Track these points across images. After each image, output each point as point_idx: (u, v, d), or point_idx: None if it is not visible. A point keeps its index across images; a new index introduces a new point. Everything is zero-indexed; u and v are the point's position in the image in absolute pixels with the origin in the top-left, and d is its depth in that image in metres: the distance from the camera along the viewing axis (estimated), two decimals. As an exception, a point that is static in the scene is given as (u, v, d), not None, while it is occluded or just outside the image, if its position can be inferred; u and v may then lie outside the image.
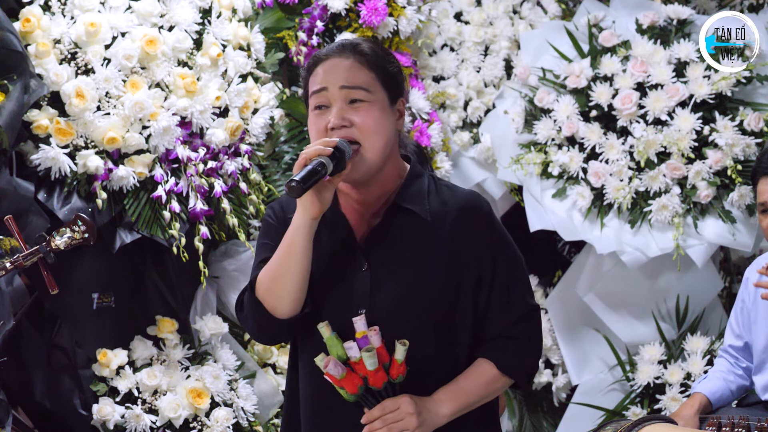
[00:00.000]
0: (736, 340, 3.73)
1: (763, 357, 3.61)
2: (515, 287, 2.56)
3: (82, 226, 3.49)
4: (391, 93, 2.54)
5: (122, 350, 3.95)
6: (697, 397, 3.69)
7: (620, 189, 4.55)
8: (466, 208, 2.53)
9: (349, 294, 2.52)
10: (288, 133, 4.48)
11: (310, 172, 2.38)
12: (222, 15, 4.06)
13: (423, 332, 2.49)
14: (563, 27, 4.90)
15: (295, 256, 2.48)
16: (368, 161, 2.48)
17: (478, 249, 2.51)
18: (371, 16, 4.39)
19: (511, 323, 2.54)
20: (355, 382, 2.45)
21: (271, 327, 2.54)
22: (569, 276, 5.02)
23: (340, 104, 2.48)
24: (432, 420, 2.48)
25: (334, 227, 2.56)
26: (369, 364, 2.43)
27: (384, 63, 2.54)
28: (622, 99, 4.60)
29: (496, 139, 4.91)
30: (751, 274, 3.72)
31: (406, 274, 2.50)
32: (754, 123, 4.52)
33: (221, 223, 4.02)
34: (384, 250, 2.52)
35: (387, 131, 2.50)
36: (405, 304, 2.49)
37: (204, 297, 4.17)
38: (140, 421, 3.85)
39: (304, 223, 2.46)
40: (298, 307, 2.52)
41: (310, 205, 2.45)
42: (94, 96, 3.74)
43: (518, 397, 5.06)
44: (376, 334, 2.44)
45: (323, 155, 2.40)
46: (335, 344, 2.47)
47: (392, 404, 2.46)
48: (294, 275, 2.49)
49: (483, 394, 2.53)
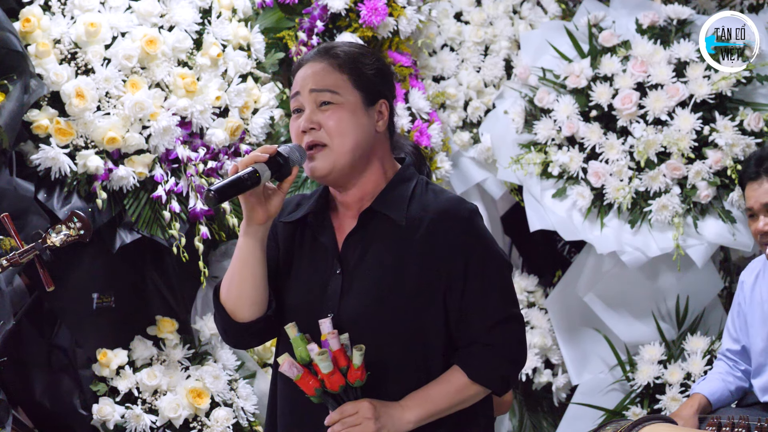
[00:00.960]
0: (734, 344, 3.73)
1: (761, 360, 3.61)
2: (490, 293, 2.50)
3: (77, 223, 3.48)
4: (367, 94, 2.52)
5: (122, 350, 3.95)
6: (697, 397, 3.69)
7: (620, 189, 4.55)
8: (442, 212, 2.50)
9: (322, 297, 2.52)
10: (288, 133, 4.48)
11: (232, 182, 2.39)
12: (222, 15, 4.06)
13: (391, 337, 2.47)
14: (563, 27, 4.90)
15: (245, 261, 2.51)
16: (332, 161, 2.48)
17: (449, 254, 2.48)
18: (371, 16, 4.39)
19: (485, 330, 2.49)
20: (311, 385, 2.46)
21: (234, 331, 2.58)
22: (569, 276, 5.02)
23: (310, 107, 2.50)
24: (393, 425, 2.46)
25: (319, 229, 2.57)
26: (323, 367, 2.43)
27: (358, 65, 2.52)
28: (622, 99, 4.60)
29: (496, 139, 4.91)
30: (747, 277, 3.71)
31: (374, 280, 2.48)
32: (754, 123, 4.52)
33: (221, 223, 4.02)
34: (357, 254, 2.51)
35: (356, 133, 2.49)
36: (373, 308, 2.48)
37: (204, 297, 4.18)
38: (140, 421, 3.85)
39: (250, 230, 2.49)
40: (258, 311, 2.54)
41: (251, 212, 2.47)
42: (94, 96, 3.74)
43: (518, 397, 5.06)
44: (334, 337, 2.44)
45: (259, 161, 2.42)
46: (300, 345, 2.48)
47: (351, 408, 2.45)
48: (247, 280, 2.51)
49: (452, 401, 2.50)
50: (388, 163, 2.58)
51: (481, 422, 2.59)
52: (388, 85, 2.59)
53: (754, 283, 3.63)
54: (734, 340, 3.73)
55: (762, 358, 3.61)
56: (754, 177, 3.49)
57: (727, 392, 3.69)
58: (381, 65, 2.57)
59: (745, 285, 3.71)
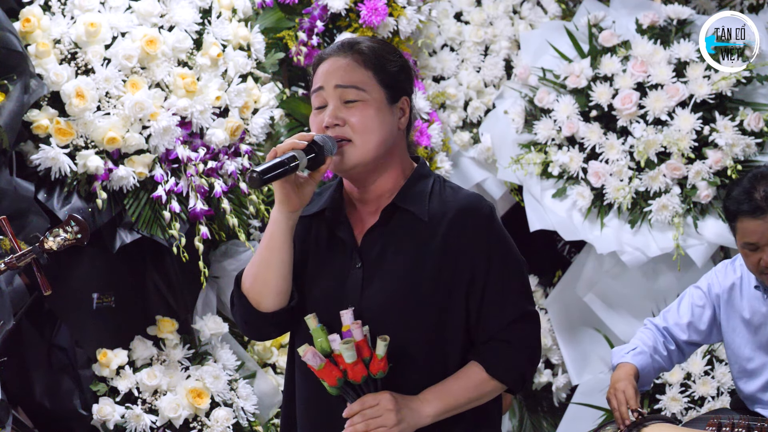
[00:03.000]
0: (680, 332, 3.65)
1: (744, 364, 3.59)
2: (509, 291, 2.53)
3: (75, 227, 3.48)
4: (391, 92, 2.53)
5: (122, 350, 3.95)
6: (631, 367, 3.59)
7: (620, 189, 4.55)
8: (464, 209, 2.52)
9: (341, 290, 2.52)
10: (288, 133, 4.48)
11: (275, 165, 2.39)
12: (222, 15, 4.06)
13: (411, 331, 2.48)
14: (563, 27, 4.90)
15: (274, 248, 2.50)
16: (359, 157, 2.49)
17: (472, 250, 2.49)
18: (371, 16, 4.39)
19: (503, 326, 2.51)
20: (333, 375, 2.45)
21: (257, 321, 2.57)
22: (569, 276, 5.02)
23: (334, 103, 2.49)
24: (413, 419, 2.47)
25: (336, 224, 2.57)
26: (347, 357, 2.43)
27: (383, 62, 2.53)
28: (622, 99, 4.60)
29: (496, 139, 4.91)
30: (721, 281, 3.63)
31: (397, 273, 2.49)
32: (754, 123, 4.52)
33: (221, 223, 4.02)
34: (378, 248, 2.52)
35: (382, 130, 2.50)
36: (393, 302, 2.48)
37: (204, 297, 4.18)
38: (140, 421, 3.85)
39: (282, 216, 2.48)
40: (282, 301, 2.54)
41: (286, 198, 2.46)
42: (94, 96, 3.74)
43: (518, 397, 5.06)
44: (358, 327, 2.45)
45: (297, 148, 2.42)
46: (320, 335, 2.48)
47: (372, 400, 2.45)
48: (274, 268, 2.51)
49: (471, 396, 2.51)
50: (406, 160, 2.59)
51: (492, 421, 2.60)
52: (410, 82, 2.60)
53: (730, 290, 3.60)
54: (683, 331, 3.65)
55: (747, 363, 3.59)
56: (761, 214, 3.37)
57: (652, 371, 3.62)
58: (404, 62, 2.58)
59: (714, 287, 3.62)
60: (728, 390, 4.40)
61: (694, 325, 3.63)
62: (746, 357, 3.56)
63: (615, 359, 3.58)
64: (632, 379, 3.45)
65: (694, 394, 4.43)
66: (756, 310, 3.51)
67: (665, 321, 3.67)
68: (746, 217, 3.32)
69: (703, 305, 3.62)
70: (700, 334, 3.63)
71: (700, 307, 3.62)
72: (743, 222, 3.33)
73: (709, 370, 4.45)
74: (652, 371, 3.58)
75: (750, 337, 3.54)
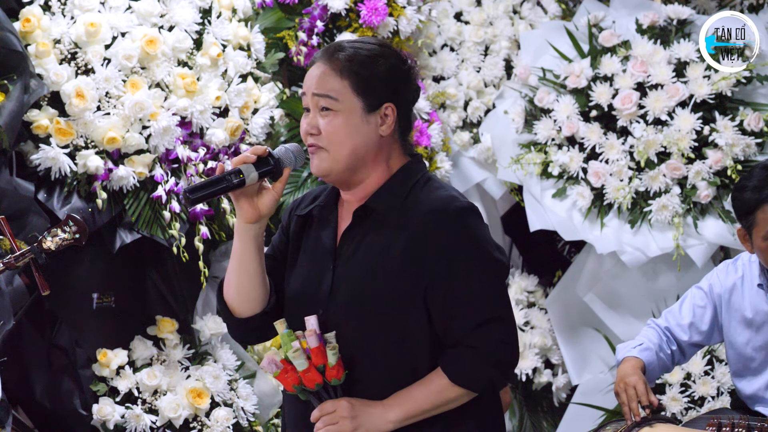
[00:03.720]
0: (682, 333, 3.65)
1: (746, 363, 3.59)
2: (476, 293, 2.47)
3: (73, 227, 3.48)
4: (370, 99, 2.50)
5: (122, 350, 3.95)
6: (639, 361, 3.58)
7: (620, 189, 4.55)
8: (432, 210, 2.48)
9: (315, 293, 2.54)
10: (288, 133, 4.48)
11: (208, 183, 2.44)
12: (222, 15, 4.06)
13: (375, 336, 2.47)
14: (563, 27, 4.90)
15: (240, 258, 2.55)
16: (328, 165, 2.51)
17: (433, 253, 2.46)
18: (371, 16, 4.39)
19: (469, 331, 2.46)
20: (289, 381, 2.48)
21: (236, 326, 2.63)
22: (569, 276, 5.02)
23: (313, 110, 2.52)
24: (372, 424, 2.46)
25: (323, 225, 2.59)
26: (297, 365, 2.46)
27: (361, 69, 2.50)
28: (622, 99, 4.60)
29: (496, 139, 4.91)
30: (723, 281, 3.63)
31: (361, 275, 2.49)
32: (754, 123, 4.52)
33: (221, 223, 4.02)
34: (350, 250, 2.52)
35: (353, 139, 2.49)
36: (356, 307, 2.48)
37: (204, 297, 4.18)
38: (140, 421, 3.85)
39: (241, 227, 2.53)
40: (255, 307, 2.58)
41: (240, 210, 2.51)
42: (94, 96, 3.74)
43: (518, 397, 5.06)
44: (312, 335, 2.46)
45: (247, 162, 2.46)
46: (286, 341, 2.50)
47: (330, 406, 2.47)
48: (243, 277, 2.55)
49: (435, 402, 2.48)
50: (397, 161, 2.57)
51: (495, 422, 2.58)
52: (400, 86, 2.56)
53: (732, 289, 3.60)
54: (684, 332, 3.65)
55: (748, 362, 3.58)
56: None
57: (657, 369, 3.62)
58: (391, 67, 2.54)
59: (716, 287, 3.62)
60: (728, 390, 4.39)
61: (695, 325, 3.62)
62: (748, 356, 3.56)
63: (620, 354, 3.57)
64: (641, 374, 3.43)
65: (694, 394, 4.43)
66: (759, 309, 3.50)
67: (667, 321, 3.66)
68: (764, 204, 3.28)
69: (705, 306, 3.61)
70: (701, 334, 3.63)
71: (701, 307, 3.62)
72: (765, 211, 3.28)
73: (709, 370, 4.45)
74: (657, 368, 3.57)
75: (752, 337, 3.54)
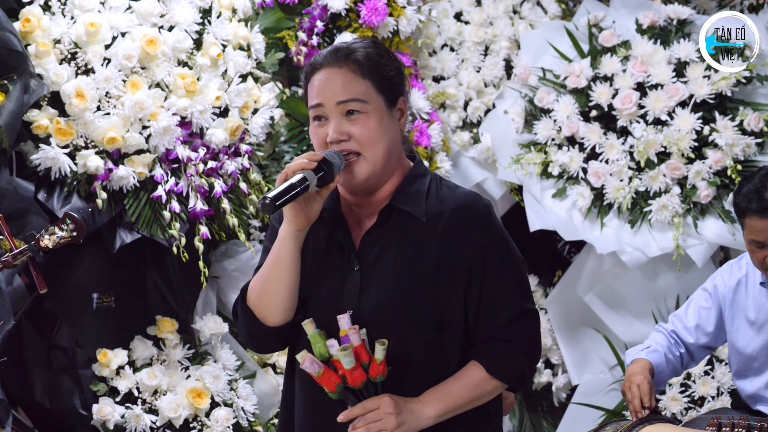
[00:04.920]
0: (688, 336, 3.67)
1: (748, 363, 3.60)
2: (508, 289, 2.52)
3: (71, 225, 3.48)
4: (389, 96, 2.52)
5: (122, 350, 3.95)
6: (646, 362, 3.60)
7: (620, 189, 4.55)
8: (460, 208, 2.51)
9: (339, 294, 2.52)
10: (288, 133, 4.48)
11: (285, 189, 2.39)
12: (222, 15, 4.06)
13: (410, 333, 2.47)
14: (563, 27, 4.90)
15: (282, 267, 2.50)
16: (369, 170, 2.49)
17: (469, 250, 2.49)
18: (371, 16, 4.39)
19: (502, 325, 2.51)
20: (332, 380, 2.45)
21: (262, 335, 2.57)
22: (569, 276, 5.02)
23: (337, 118, 2.48)
24: (414, 421, 2.47)
25: (333, 227, 2.57)
26: (345, 363, 2.43)
27: (379, 68, 2.51)
28: (622, 99, 4.60)
29: (496, 139, 4.91)
30: (727, 281, 3.64)
31: (395, 275, 2.49)
32: (754, 123, 4.52)
33: (221, 223, 4.02)
34: (376, 250, 2.51)
35: (387, 137, 2.50)
36: (391, 304, 2.48)
37: (204, 297, 4.18)
38: (140, 421, 3.85)
39: (290, 235, 2.49)
40: (288, 316, 2.54)
41: (295, 217, 2.47)
42: (94, 96, 3.74)
43: (518, 397, 5.06)
44: (355, 332, 2.44)
45: (307, 169, 2.41)
46: (318, 341, 2.47)
47: (372, 404, 2.46)
48: (282, 286, 2.51)
49: (471, 396, 2.51)
50: (404, 160, 2.59)
51: (493, 420, 2.60)
52: (403, 80, 2.58)
53: (736, 288, 3.62)
54: (690, 334, 3.67)
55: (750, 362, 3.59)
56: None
57: (666, 371, 3.64)
58: (398, 63, 2.57)
59: (720, 287, 3.64)
60: (728, 390, 4.40)
61: (701, 327, 3.64)
62: (750, 356, 3.57)
63: (629, 357, 3.61)
64: (647, 374, 3.48)
65: (694, 394, 4.44)
66: (761, 308, 3.52)
67: (673, 325, 3.69)
68: (754, 215, 3.35)
69: (709, 307, 3.63)
70: (708, 336, 3.64)
71: (706, 309, 3.63)
72: (751, 219, 3.36)
73: (709, 370, 4.45)
74: (667, 370, 3.59)
75: (754, 336, 3.55)
